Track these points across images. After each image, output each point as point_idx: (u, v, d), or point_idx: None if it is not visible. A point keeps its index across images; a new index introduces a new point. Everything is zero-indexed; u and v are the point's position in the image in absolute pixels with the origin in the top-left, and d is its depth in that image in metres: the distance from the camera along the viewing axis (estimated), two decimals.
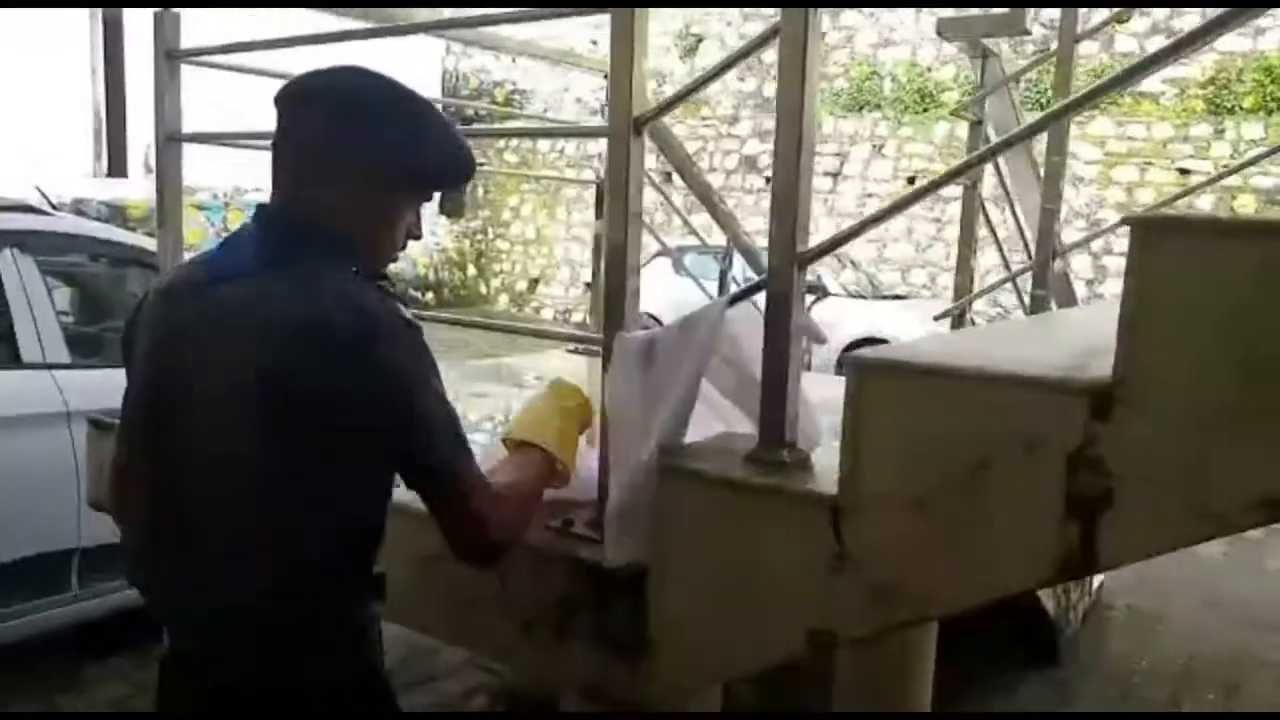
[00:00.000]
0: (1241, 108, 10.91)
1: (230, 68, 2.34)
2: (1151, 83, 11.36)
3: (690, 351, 1.39)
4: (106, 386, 3.20)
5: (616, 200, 1.47)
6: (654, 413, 1.41)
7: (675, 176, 2.92)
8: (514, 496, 1.31)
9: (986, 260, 7.09)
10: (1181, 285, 0.98)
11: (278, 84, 1.29)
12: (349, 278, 1.22)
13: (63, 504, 2.98)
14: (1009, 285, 2.99)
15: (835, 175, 12.74)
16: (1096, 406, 1.02)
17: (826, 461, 1.31)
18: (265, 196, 1.32)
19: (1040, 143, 3.32)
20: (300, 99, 1.27)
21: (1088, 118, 11.32)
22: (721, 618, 1.32)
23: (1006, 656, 3.70)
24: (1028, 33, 2.54)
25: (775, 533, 1.25)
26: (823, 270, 10.07)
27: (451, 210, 15.91)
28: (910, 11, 12.73)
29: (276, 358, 1.15)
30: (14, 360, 3.09)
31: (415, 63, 12.86)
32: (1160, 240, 0.98)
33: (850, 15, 13.16)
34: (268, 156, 1.30)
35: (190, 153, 2.17)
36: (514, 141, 15.84)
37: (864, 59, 13.18)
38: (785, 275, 1.32)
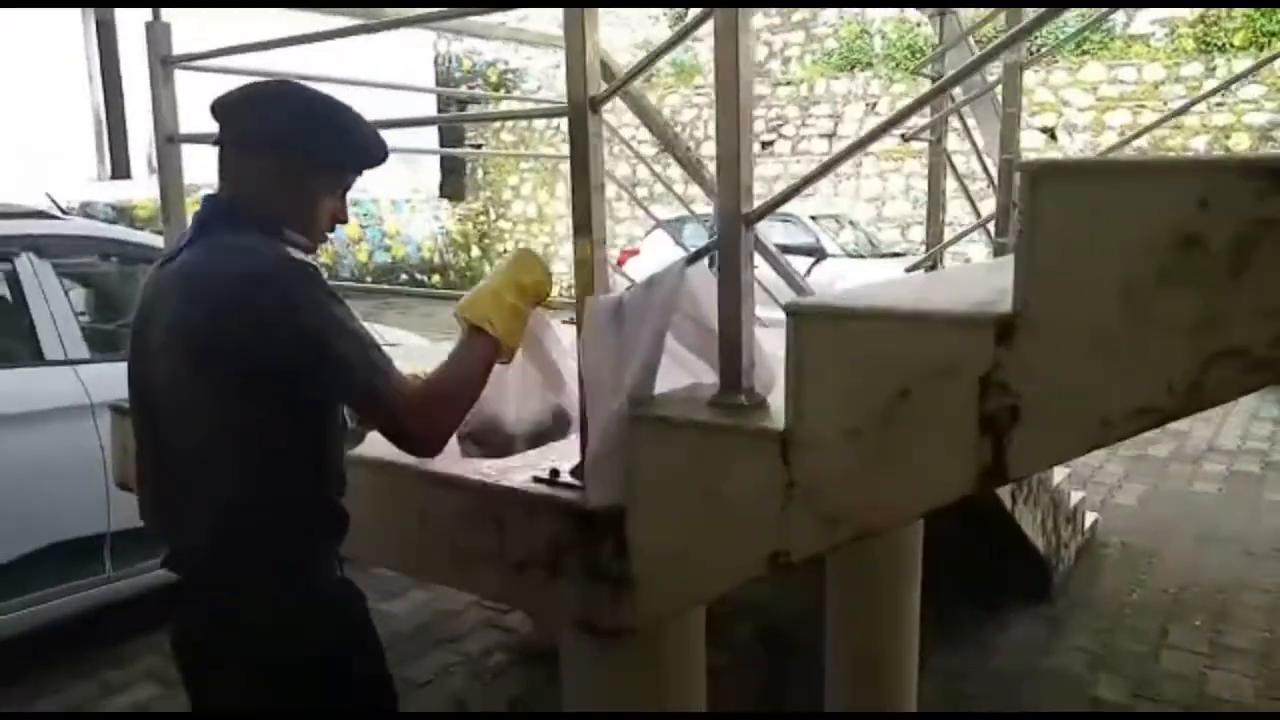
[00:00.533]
0: (1232, 44, 10.89)
1: (223, 70, 2.46)
2: (1140, 24, 11.35)
3: (654, 310, 1.52)
4: (125, 377, 3.39)
5: (580, 175, 1.60)
6: (625, 368, 1.54)
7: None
8: (442, 389, 1.49)
9: (958, 212, 7.18)
10: (1066, 223, 1.11)
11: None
12: (257, 243, 1.44)
13: (92, 491, 3.16)
14: (978, 235, 3.10)
15: (830, 136, 12.78)
16: (1001, 334, 1.15)
17: (780, 404, 1.45)
18: None
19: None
20: (226, 106, 1.50)
21: (1078, 63, 11.32)
22: (692, 547, 1.47)
23: (999, 594, 3.85)
24: None
25: (734, 466, 1.39)
26: (820, 232, 10.17)
27: (452, 193, 16.01)
28: None
29: (191, 315, 1.39)
30: (38, 357, 3.26)
31: (407, 49, 12.92)
32: (1046, 184, 1.11)
33: None
34: None
35: (191, 152, 2.30)
36: (509, 121, 15.90)
37: (852, 18, 13.18)
38: (734, 234, 1.44)
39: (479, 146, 15.89)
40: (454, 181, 16.20)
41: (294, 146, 1.48)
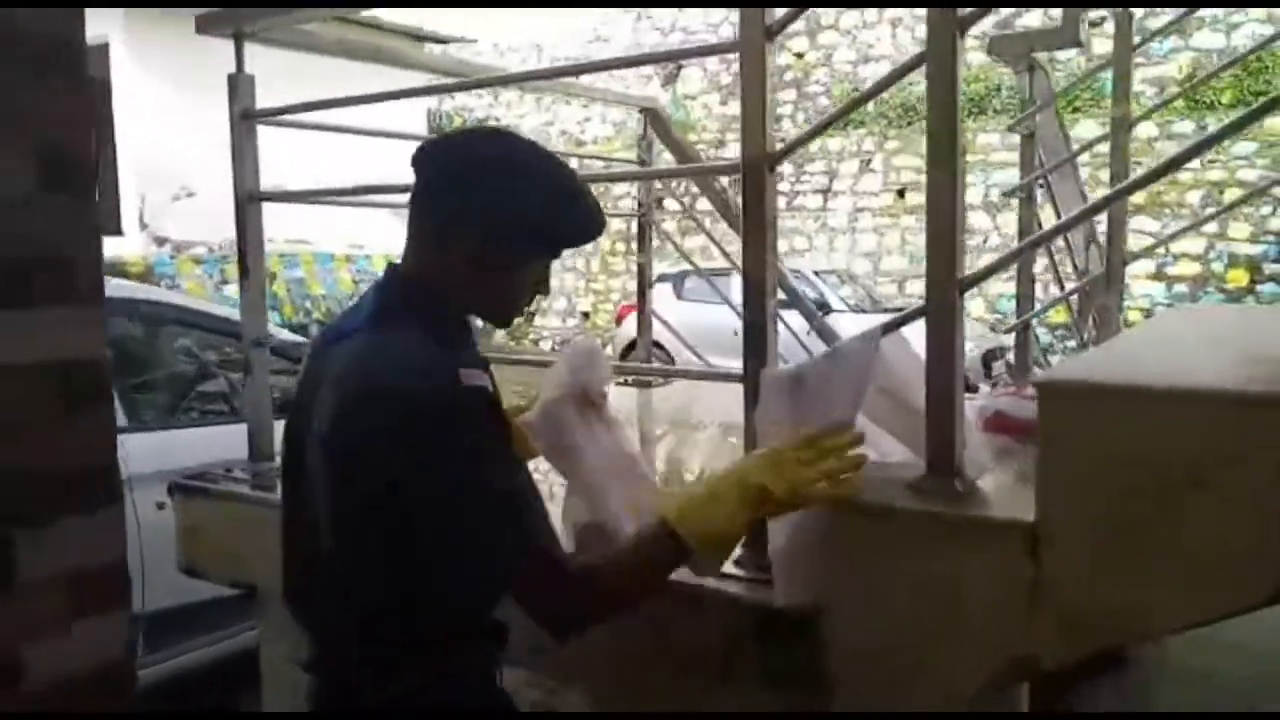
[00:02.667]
0: (1220, 103, 11.09)
1: (300, 125, 2.33)
2: (1132, 83, 11.56)
3: (842, 381, 1.38)
4: (161, 448, 3.19)
5: (755, 235, 1.47)
6: None
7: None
8: (606, 584, 1.24)
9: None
10: None
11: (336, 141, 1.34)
12: (408, 343, 1.23)
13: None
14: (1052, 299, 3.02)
15: (825, 192, 12.84)
16: None
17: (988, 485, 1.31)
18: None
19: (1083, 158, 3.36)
20: (422, 161, 1.31)
21: (1072, 121, 11.46)
22: (910, 651, 1.31)
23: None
24: (1080, 44, 2.58)
25: (968, 561, 1.24)
26: (824, 286, 10.14)
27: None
28: (888, 26, 12.90)
29: (341, 421, 1.22)
30: None
31: (399, 106, 12.89)
32: None
33: (828, 33, 13.32)
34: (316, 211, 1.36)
35: (188, 209, 2.16)
36: None
37: (844, 76, 13.33)
38: (947, 300, 1.32)
39: None
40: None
41: (487, 222, 1.27)
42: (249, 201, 2.14)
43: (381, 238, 14.17)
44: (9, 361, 0.79)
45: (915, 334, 1.34)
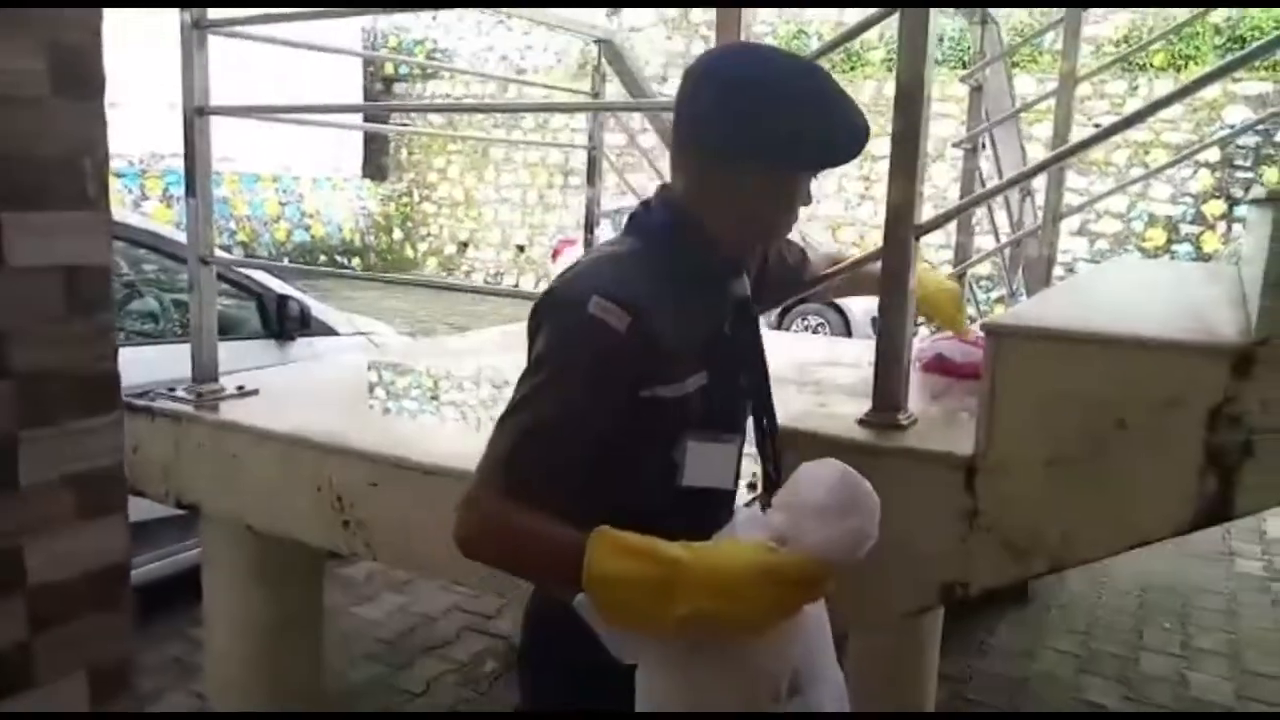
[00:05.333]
0: (1152, 64, 11.38)
1: (246, 37, 2.26)
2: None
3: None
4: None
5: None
6: None
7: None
8: (510, 536, 1.11)
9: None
10: None
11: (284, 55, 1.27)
12: (614, 252, 1.22)
13: None
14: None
15: None
16: (1238, 366, 1.11)
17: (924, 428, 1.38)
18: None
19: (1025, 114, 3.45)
20: (682, 88, 1.22)
21: (1039, 70, 11.63)
22: (849, 575, 1.39)
23: (983, 595, 3.90)
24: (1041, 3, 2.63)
25: (908, 491, 1.32)
26: None
27: (374, 173, 15.53)
28: None
29: None
30: None
31: (337, 25, 12.43)
32: None
33: None
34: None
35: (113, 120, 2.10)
36: (437, 100, 15.49)
37: (790, 18, 13.28)
38: (902, 246, 1.37)
39: (405, 125, 15.45)
40: (377, 161, 15.73)
41: (709, 141, 1.18)
42: (198, 116, 2.08)
43: (311, 159, 13.82)
44: (24, 264, 0.79)
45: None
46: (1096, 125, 11.10)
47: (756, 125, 1.15)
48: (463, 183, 15.40)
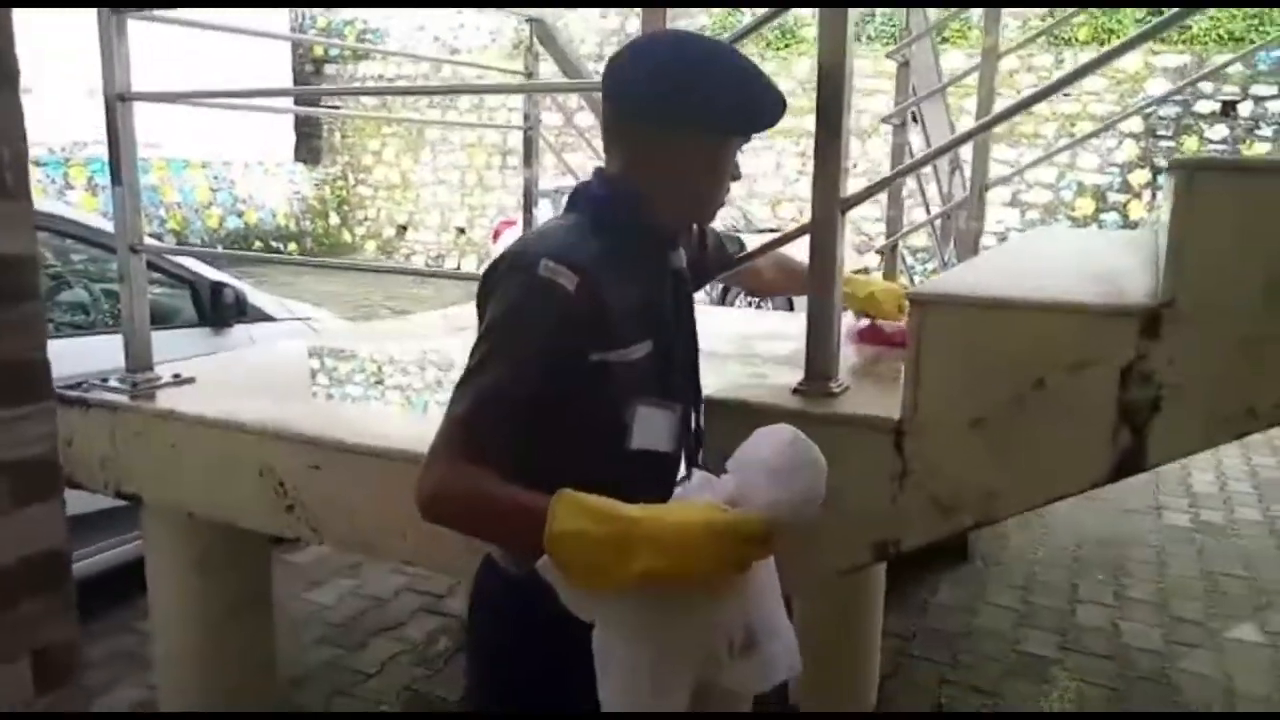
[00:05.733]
0: (1077, 39, 11.63)
1: (179, 21, 2.22)
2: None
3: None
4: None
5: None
6: None
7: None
8: (473, 502, 1.14)
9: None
10: (1217, 218, 1.13)
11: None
12: (555, 224, 1.28)
13: None
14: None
15: None
16: (1146, 327, 1.17)
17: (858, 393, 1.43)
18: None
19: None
20: (604, 78, 1.29)
21: (940, 50, 11.80)
22: (789, 537, 1.44)
23: (925, 556, 4.02)
24: None
25: (841, 454, 1.36)
26: None
27: (307, 157, 15.23)
28: None
29: None
30: None
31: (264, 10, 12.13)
32: (1202, 182, 1.13)
33: None
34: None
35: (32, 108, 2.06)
36: (369, 83, 15.22)
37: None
38: (830, 218, 1.41)
39: (335, 109, 15.16)
40: (310, 144, 15.42)
41: (641, 116, 1.25)
42: (120, 102, 2.04)
43: (243, 144, 13.49)
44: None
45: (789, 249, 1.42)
46: (1018, 93, 11.33)
47: (682, 97, 1.21)
48: (399, 165, 15.19)
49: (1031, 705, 2.99)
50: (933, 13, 2.92)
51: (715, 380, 1.62)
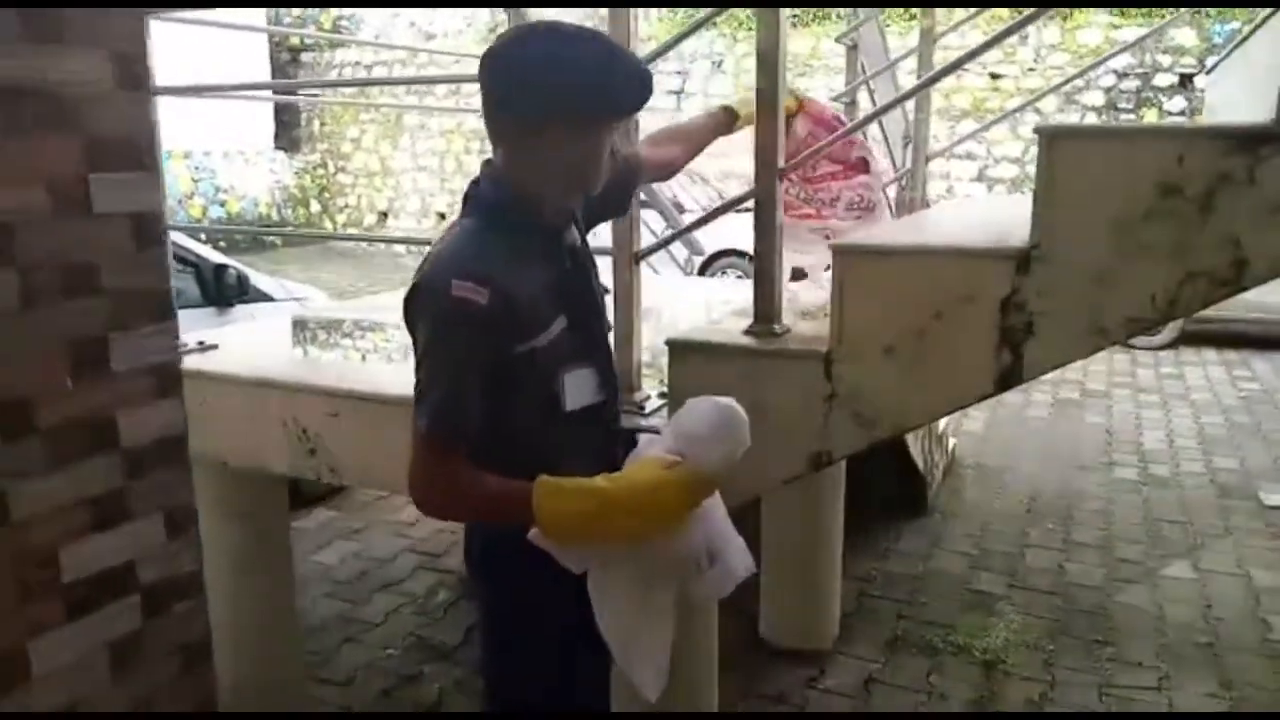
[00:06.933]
0: (1020, 13, 11.90)
1: (160, 16, 2.45)
2: None
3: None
4: None
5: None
6: None
7: None
8: (469, 497, 1.35)
9: None
10: (1074, 174, 1.41)
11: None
12: (460, 236, 1.38)
13: None
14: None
15: (678, 93, 13.10)
16: (1019, 265, 1.45)
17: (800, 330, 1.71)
18: None
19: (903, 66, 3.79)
20: (479, 73, 1.37)
21: (906, 29, 12.07)
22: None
23: (886, 508, 4.32)
24: None
25: (780, 383, 1.64)
26: (676, 188, 10.52)
27: (287, 145, 15.33)
28: None
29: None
30: None
31: None
32: (1060, 144, 1.41)
33: None
34: None
35: None
36: (347, 70, 15.34)
37: None
38: (770, 183, 1.68)
39: (314, 95, 15.26)
40: (289, 133, 15.54)
41: (510, 109, 1.33)
42: None
43: (222, 134, 13.62)
44: (104, 210, 1.06)
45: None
46: (993, 75, 11.64)
47: (543, 89, 1.31)
48: (378, 151, 15.34)
49: (979, 636, 3.28)
50: None
51: (683, 329, 1.90)
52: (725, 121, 1.79)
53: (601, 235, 1.70)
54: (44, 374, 1.16)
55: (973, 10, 4.77)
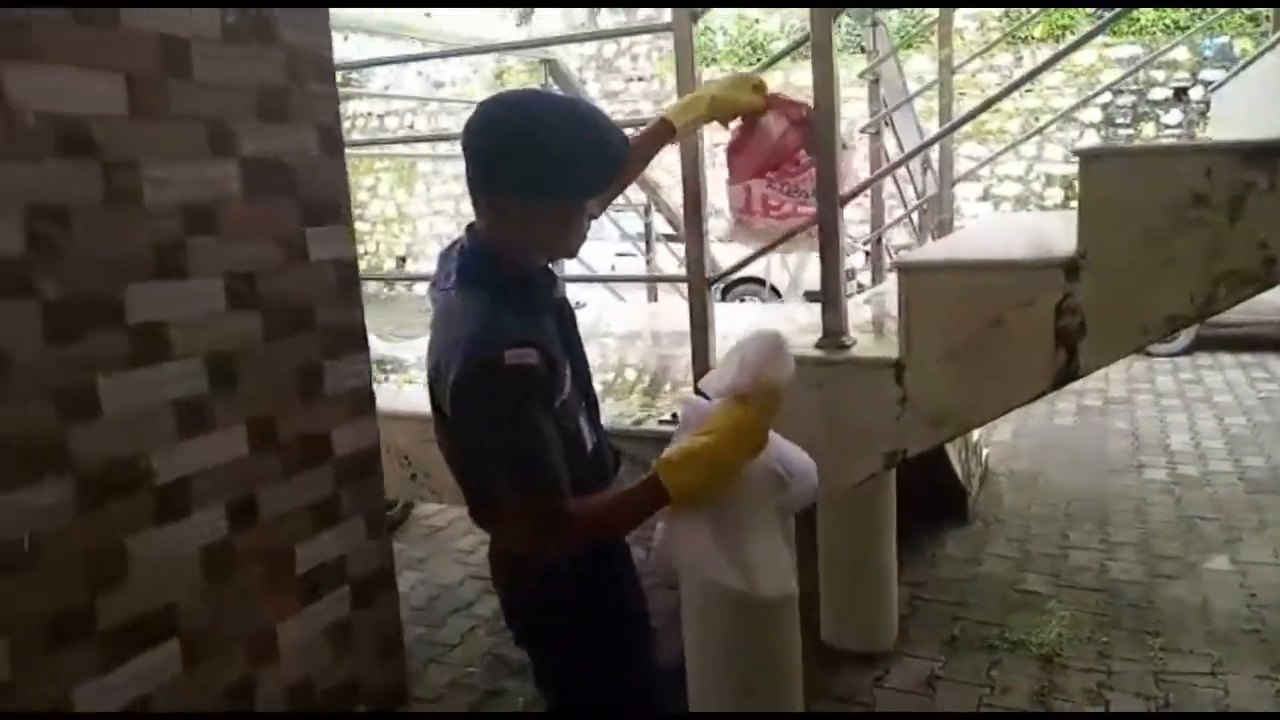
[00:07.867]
0: (1034, 37, 12.20)
1: None
2: (956, 19, 12.53)
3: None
4: None
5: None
6: None
7: None
8: (600, 520, 1.42)
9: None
10: (1111, 189, 1.59)
11: None
12: (477, 308, 1.40)
13: None
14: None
15: None
16: (1069, 272, 1.63)
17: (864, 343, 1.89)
18: None
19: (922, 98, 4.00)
20: (463, 139, 1.41)
21: (906, 56, 12.35)
22: (820, 457, 1.88)
23: (929, 519, 4.46)
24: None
25: (856, 389, 1.82)
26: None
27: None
28: None
29: (432, 370, 1.44)
30: None
31: None
32: (1097, 163, 1.59)
33: None
34: None
35: None
36: (359, 121, 15.73)
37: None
38: (832, 212, 1.87)
39: None
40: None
41: (500, 185, 1.39)
42: None
43: None
44: (316, 258, 1.29)
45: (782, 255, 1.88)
46: (982, 92, 11.88)
47: (539, 172, 1.37)
48: (394, 198, 15.67)
49: (1033, 632, 3.42)
50: (894, 34, 3.37)
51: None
52: (663, 132, 1.76)
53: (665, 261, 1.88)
54: (280, 397, 1.39)
55: (990, 43, 4.98)
